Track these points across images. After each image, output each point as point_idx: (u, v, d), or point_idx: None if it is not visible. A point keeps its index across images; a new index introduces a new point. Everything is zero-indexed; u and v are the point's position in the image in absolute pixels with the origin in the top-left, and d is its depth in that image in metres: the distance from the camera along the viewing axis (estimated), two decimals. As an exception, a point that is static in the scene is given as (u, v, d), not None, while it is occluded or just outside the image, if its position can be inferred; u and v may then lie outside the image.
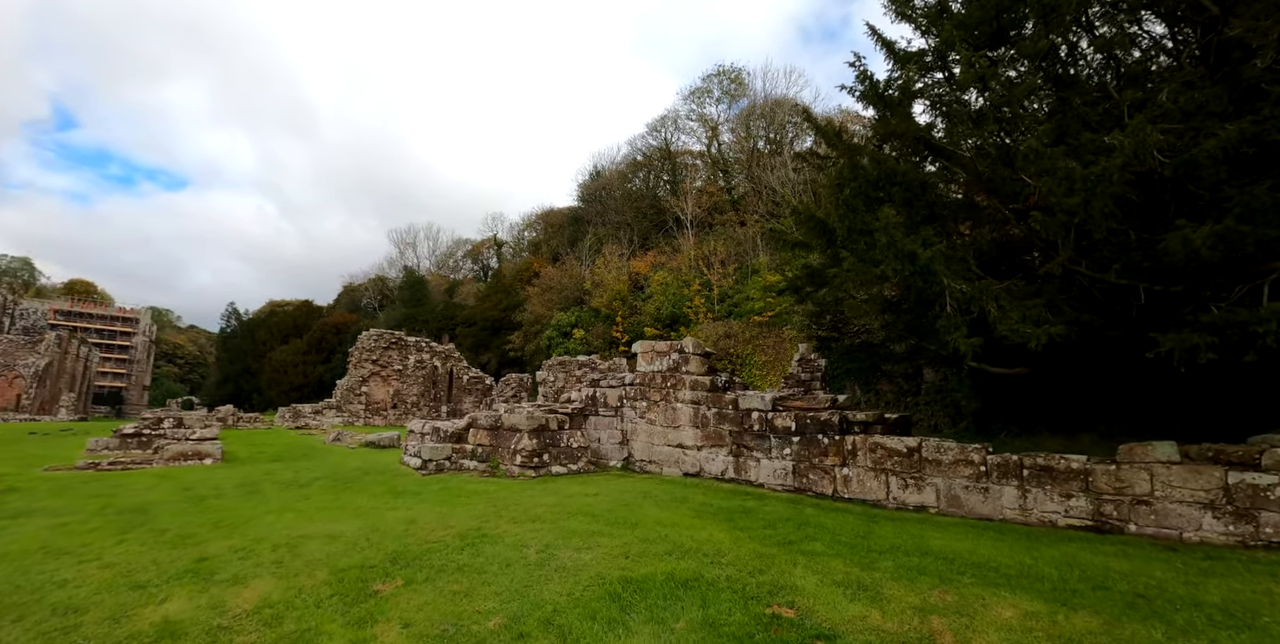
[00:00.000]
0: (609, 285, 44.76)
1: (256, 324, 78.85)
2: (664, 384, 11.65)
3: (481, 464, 11.61)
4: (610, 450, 12.52)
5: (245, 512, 8.46)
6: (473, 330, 57.33)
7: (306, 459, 14.53)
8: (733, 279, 39.53)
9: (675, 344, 11.72)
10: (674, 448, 11.36)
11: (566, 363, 32.98)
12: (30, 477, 12.27)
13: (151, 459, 14.39)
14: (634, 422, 12.13)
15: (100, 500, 9.54)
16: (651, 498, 8.73)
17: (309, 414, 34.50)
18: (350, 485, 10.35)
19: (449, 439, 12.07)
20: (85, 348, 71.69)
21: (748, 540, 6.33)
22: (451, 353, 39.96)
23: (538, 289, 52.49)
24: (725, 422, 10.66)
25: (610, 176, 70.13)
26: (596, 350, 41.36)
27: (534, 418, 11.22)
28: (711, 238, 45.19)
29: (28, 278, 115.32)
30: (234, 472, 12.25)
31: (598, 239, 57.41)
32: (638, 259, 49.45)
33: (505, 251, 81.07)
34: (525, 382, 38.38)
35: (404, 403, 37.65)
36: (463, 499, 8.83)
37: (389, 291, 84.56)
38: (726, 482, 10.50)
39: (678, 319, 37.97)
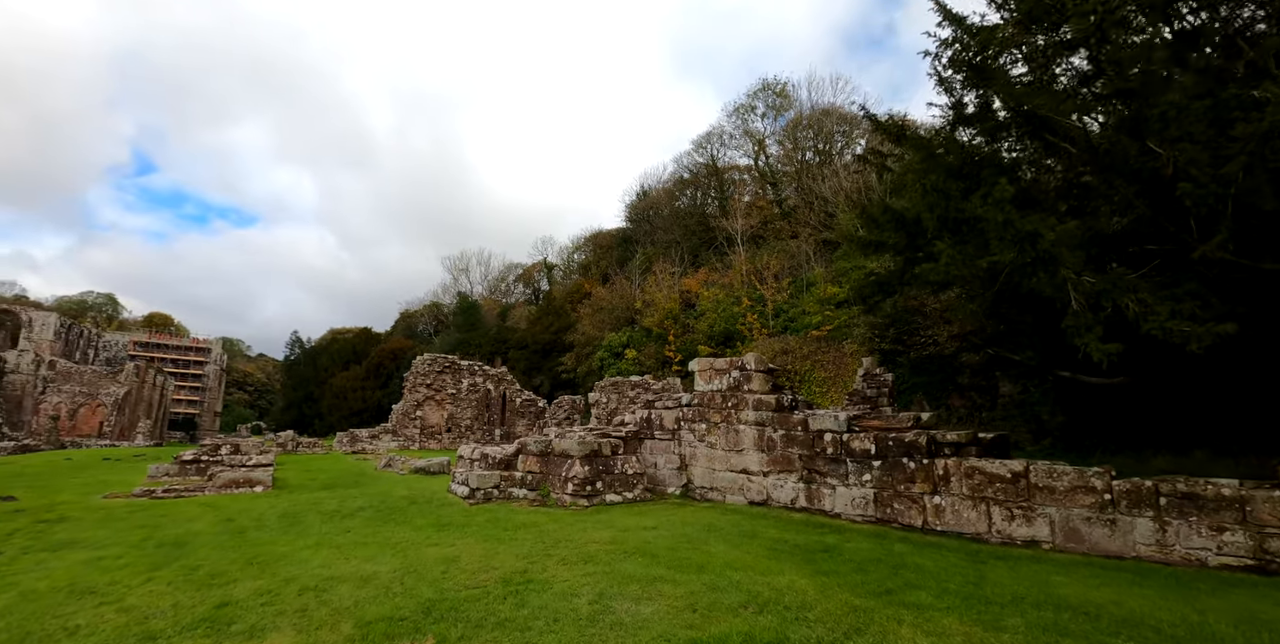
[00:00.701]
0: (660, 304, 44.08)
1: (318, 351, 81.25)
2: (724, 404, 10.74)
3: (531, 492, 10.89)
4: (668, 476, 11.64)
5: (281, 547, 7.92)
6: (525, 353, 57.40)
7: (356, 486, 14.12)
8: (787, 293, 38.31)
9: (735, 361, 10.82)
10: (737, 474, 10.40)
11: (619, 384, 32.29)
12: (87, 504, 12.19)
13: (205, 486, 14.23)
14: (693, 445, 11.24)
15: (143, 532, 9.21)
16: (717, 532, 7.79)
17: (365, 438, 34.68)
18: (394, 516, 9.76)
19: (497, 466, 11.41)
20: (161, 377, 75.00)
21: (836, 589, 5.36)
22: (504, 376, 39.80)
23: (589, 310, 52.23)
24: (794, 445, 9.66)
25: (657, 196, 69.95)
26: (649, 370, 40.57)
27: (585, 443, 10.46)
28: (763, 252, 44.12)
29: (111, 312, 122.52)
30: (281, 500, 11.88)
31: (647, 258, 57.00)
32: (688, 277, 48.69)
33: (555, 274, 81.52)
34: (578, 403, 37.83)
35: (458, 426, 37.54)
36: (509, 533, 8.09)
37: (443, 317, 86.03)
38: (798, 511, 9.46)
39: (731, 336, 36.90)
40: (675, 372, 39.28)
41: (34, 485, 15.78)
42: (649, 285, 47.53)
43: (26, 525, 9.95)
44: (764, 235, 50.35)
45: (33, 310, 74.49)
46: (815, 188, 47.94)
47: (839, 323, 32.63)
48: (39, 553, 8.06)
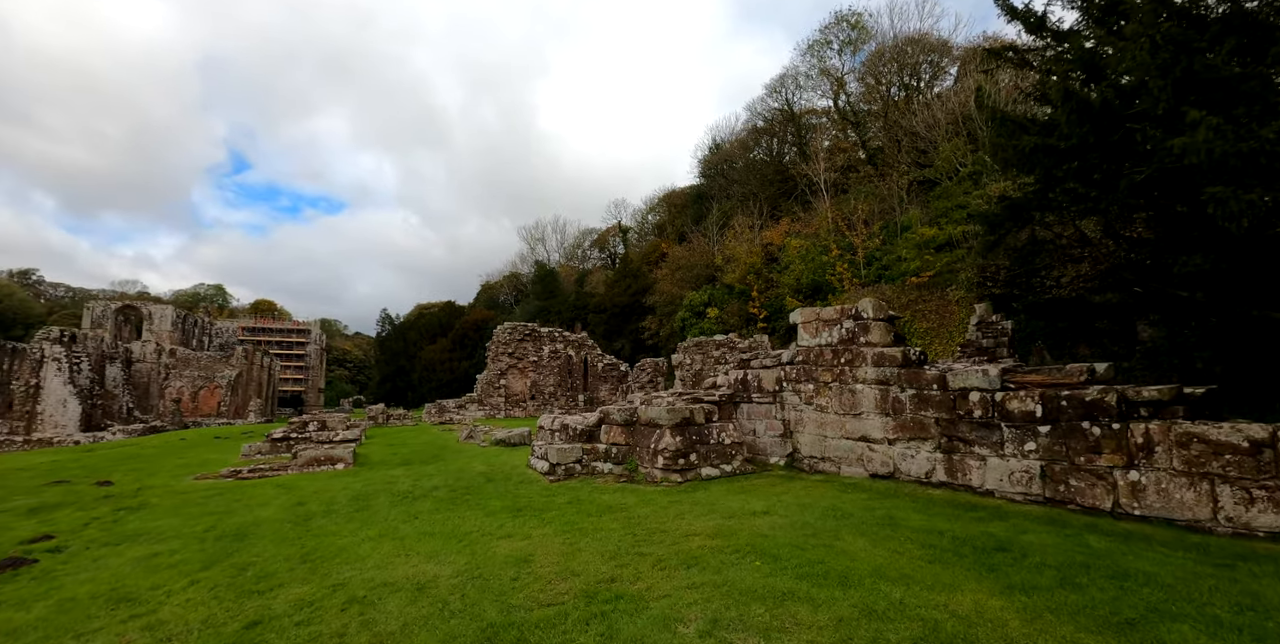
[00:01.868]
0: (741, 259, 41.94)
1: (407, 327, 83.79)
2: (836, 361, 9.07)
3: (617, 466, 9.70)
4: (769, 445, 10.16)
5: (342, 539, 7.03)
6: (603, 317, 56.75)
7: (435, 461, 13.44)
8: (879, 239, 35.36)
9: (848, 309, 9.08)
10: (855, 441, 8.79)
11: (703, 344, 30.80)
12: (174, 488, 12.02)
13: (288, 465, 13.94)
14: (798, 409, 9.67)
15: (211, 519, 8.66)
16: (847, 520, 6.27)
17: (452, 409, 34.95)
18: (468, 497, 8.79)
19: (579, 438, 10.27)
20: (268, 358, 79.51)
21: (1047, 615, 3.77)
22: (584, 341, 39.12)
23: (666, 270, 50.67)
24: (928, 406, 7.93)
25: (730, 148, 66.85)
26: (733, 328, 38.82)
27: (676, 410, 9.10)
28: (849, 198, 40.97)
29: (221, 302, 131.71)
30: (356, 479, 11.25)
31: (723, 213, 54.60)
32: (769, 229, 46.11)
33: (630, 237, 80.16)
34: (661, 366, 36.71)
35: (541, 394, 37.31)
36: (593, 520, 6.87)
37: (522, 286, 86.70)
38: (935, 487, 7.79)
39: (820, 288, 34.52)
40: (761, 329, 37.37)
41: (139, 467, 16.06)
42: (728, 241, 45.36)
43: (106, 513, 9.66)
44: (848, 181, 46.89)
45: (152, 304, 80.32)
46: (904, 124, 43.87)
47: (940, 268, 29.70)
48: (101, 548, 7.55)
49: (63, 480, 13.67)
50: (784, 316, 36.42)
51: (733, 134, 68.82)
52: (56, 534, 8.52)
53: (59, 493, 12.00)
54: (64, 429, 43.69)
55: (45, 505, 10.68)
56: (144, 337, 74.69)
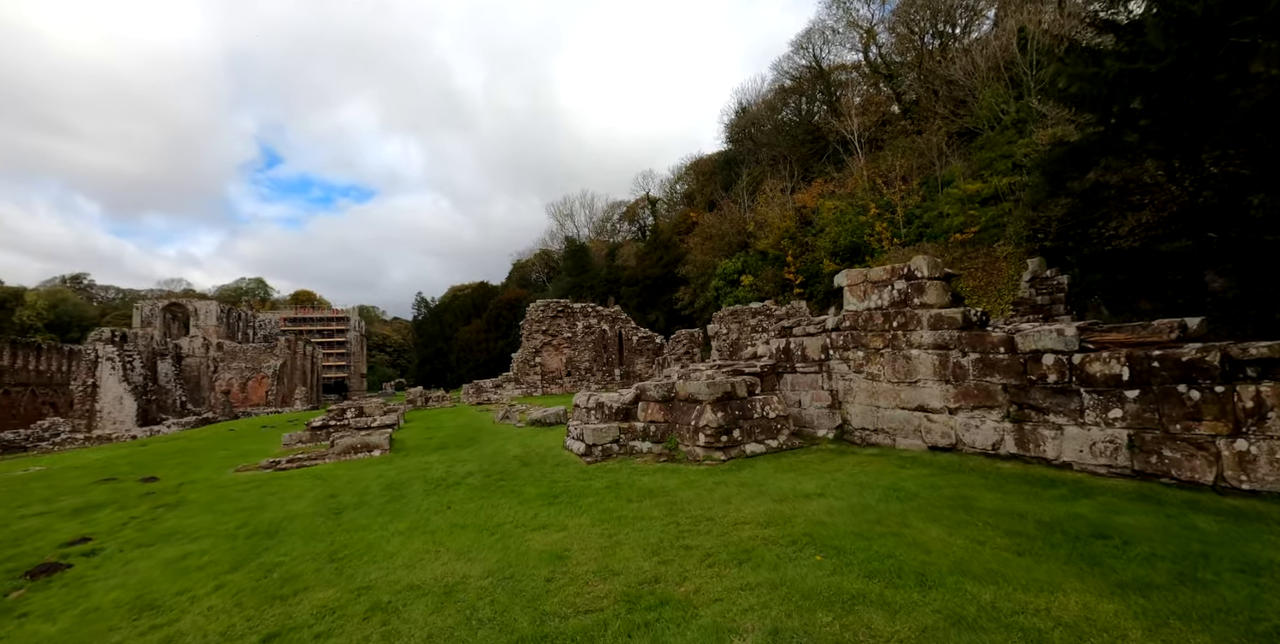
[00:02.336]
0: (773, 224, 40.76)
1: (442, 309, 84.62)
2: (887, 325, 8.37)
3: (656, 445, 9.22)
4: (816, 417, 9.56)
5: (372, 533, 6.72)
6: (636, 290, 56.21)
7: (470, 445, 13.19)
8: (918, 196, 33.84)
9: (899, 268, 8.32)
10: (911, 411, 8.12)
11: (738, 312, 30.05)
12: (215, 482, 12.00)
13: (326, 453, 13.86)
14: (847, 378, 9.02)
15: (244, 515, 8.49)
16: (911, 501, 5.67)
17: (490, 389, 35.01)
18: (503, 483, 8.42)
19: (615, 417, 9.81)
20: (310, 347, 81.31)
21: (1174, 621, 3.15)
22: (618, 315, 38.68)
23: (697, 239, 49.70)
24: (994, 371, 7.21)
25: (758, 110, 64.80)
26: (769, 296, 37.92)
27: (716, 384, 8.54)
28: (885, 154, 39.25)
29: (263, 295, 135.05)
30: (391, 467, 11.02)
31: (753, 178, 53.17)
32: (801, 192, 44.67)
33: (659, 208, 78.94)
34: (696, 337, 36.12)
35: (577, 369, 37.14)
36: (633, 506, 6.41)
37: (554, 263, 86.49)
38: (1004, 459, 7.11)
39: (858, 249, 33.31)
40: (797, 295, 36.39)
41: (185, 461, 16.23)
42: (759, 206, 44.12)
43: (145, 512, 9.60)
44: (883, 137, 44.96)
45: (197, 301, 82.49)
46: (941, 72, 41.64)
47: (985, 222, 28.27)
48: (135, 549, 7.40)
49: (111, 478, 13.83)
50: (821, 281, 35.34)
51: (759, 96, 66.64)
52: (95, 535, 8.45)
53: (105, 491, 12.08)
54: (122, 425, 45.20)
55: (90, 505, 10.71)
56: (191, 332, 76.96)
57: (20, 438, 35.16)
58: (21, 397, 47.45)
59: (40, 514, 10.31)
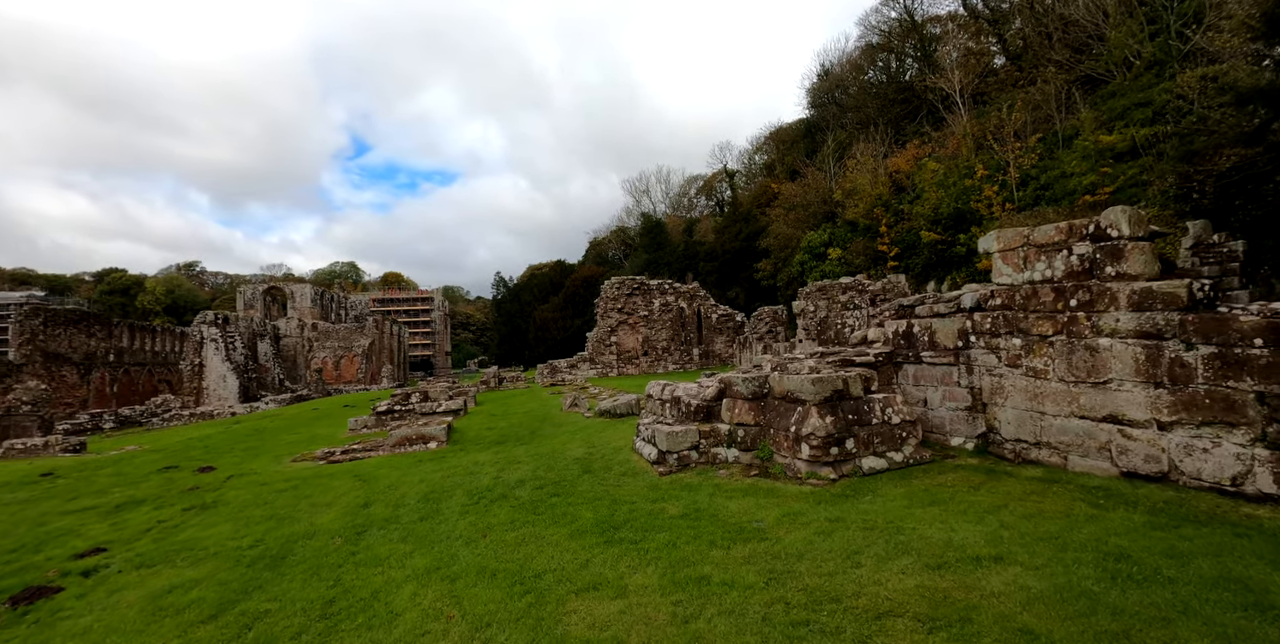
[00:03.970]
0: (864, 192, 37.50)
1: (520, 288, 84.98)
2: (1060, 304, 6.18)
3: (745, 454, 7.44)
4: (949, 421, 7.49)
5: (385, 573, 5.33)
6: (714, 265, 53.95)
7: (530, 440, 11.82)
8: (1035, 155, 29.87)
9: (1079, 226, 6.07)
10: (1096, 422, 5.96)
11: (827, 288, 27.52)
12: (264, 474, 11.21)
13: (381, 444, 12.90)
14: (995, 373, 6.90)
15: (264, 528, 7.38)
16: (1153, 583, 3.63)
17: (564, 369, 34.05)
18: (554, 502, 6.89)
19: (694, 416, 8.07)
20: (396, 327, 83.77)
21: None
22: (696, 292, 36.75)
23: (779, 210, 46.81)
24: (1241, 373, 4.97)
25: (842, 72, 60.41)
26: (859, 269, 34.95)
27: (823, 380, 6.63)
28: (993, 109, 35.03)
29: (354, 277, 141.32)
30: (439, 467, 9.76)
31: (839, 144, 49.47)
32: (894, 156, 40.97)
33: (738, 180, 75.74)
34: (780, 314, 33.77)
35: (654, 349, 35.60)
36: (717, 556, 4.69)
37: (630, 240, 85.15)
38: (1253, 500, 4.89)
39: (963, 216, 29.87)
40: (892, 268, 33.29)
41: (253, 446, 15.80)
42: (847, 173, 40.77)
43: (175, 514, 8.73)
44: (987, 91, 40.40)
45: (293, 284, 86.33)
46: (1059, 11, 36.67)
47: (1123, 181, 24.39)
48: (134, 571, 6.37)
49: (173, 466, 13.39)
50: (919, 253, 32.12)
51: (843, 56, 62.09)
52: (112, 544, 7.56)
53: (157, 484, 11.49)
54: (225, 402, 47.35)
55: (132, 501, 10.04)
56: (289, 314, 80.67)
57: (136, 414, 37.28)
58: (140, 375, 50.55)
59: (83, 510, 9.72)
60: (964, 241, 28.99)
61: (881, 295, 25.86)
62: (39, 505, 10.43)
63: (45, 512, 9.89)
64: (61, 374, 42.46)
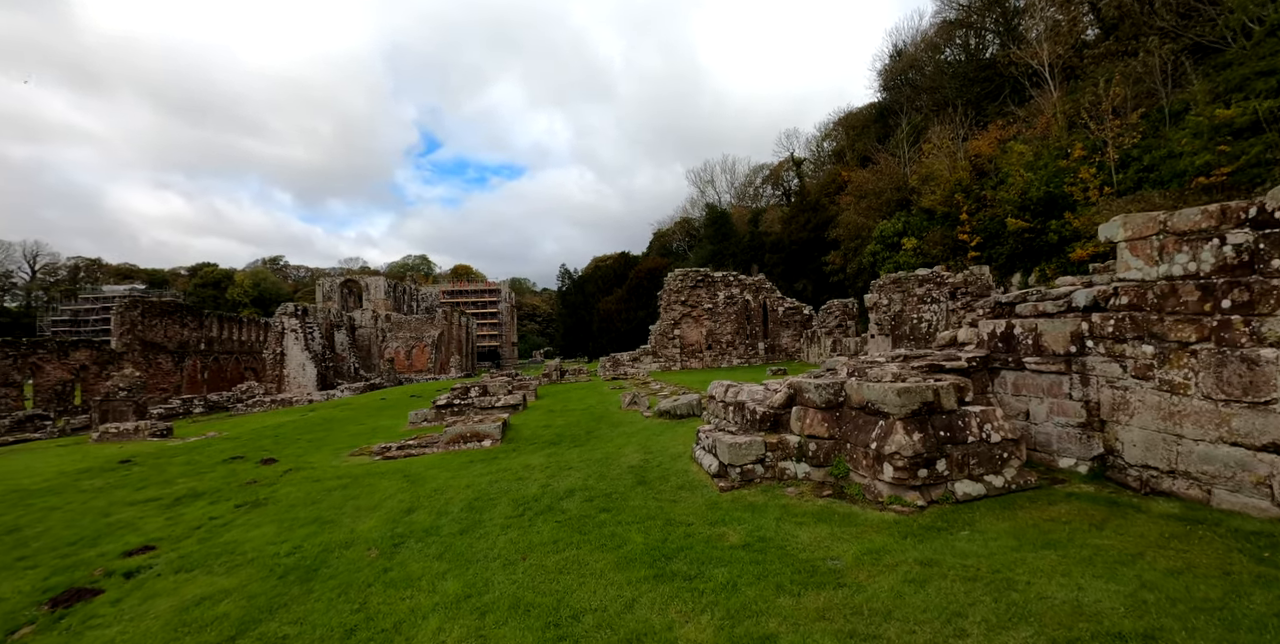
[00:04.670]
0: (942, 177, 35.37)
1: (584, 280, 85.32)
2: (1209, 305, 5.11)
3: (816, 470, 6.64)
4: (1056, 439, 6.48)
5: (414, 598, 4.88)
6: (781, 257, 52.39)
7: (586, 441, 11.30)
8: (1137, 133, 27.27)
9: (1235, 209, 4.97)
10: (1253, 451, 4.87)
11: (901, 280, 25.98)
12: (320, 470, 11.15)
13: (436, 441, 12.70)
14: (1119, 385, 5.85)
15: (306, 532, 7.15)
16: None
17: (626, 362, 33.62)
18: (602, 519, 6.29)
19: (759, 425, 7.32)
20: (464, 318, 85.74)
21: None
22: (762, 284, 35.60)
23: (849, 198, 44.90)
24: None
25: (916, 51, 57.45)
26: (937, 260, 33.01)
27: (910, 390, 5.75)
28: (1086, 84, 32.26)
29: (426, 270, 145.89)
30: (489, 470, 9.35)
31: (913, 128, 46.99)
32: (974, 139, 38.48)
33: (805, 168, 73.45)
34: (850, 307, 32.29)
35: (718, 343, 34.71)
36: (785, 606, 3.95)
37: (694, 231, 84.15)
38: None
39: (1054, 202, 27.61)
40: (973, 259, 31.23)
41: (318, 437, 16.00)
42: (924, 157, 38.56)
43: (226, 511, 8.68)
44: (1080, 65, 37.29)
45: (368, 277, 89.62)
46: (1166, -26, 33.25)
47: (1245, 160, 21.85)
48: (172, 576, 6.23)
49: (238, 457, 13.64)
50: (1004, 242, 29.96)
51: (918, 34, 59.03)
52: (162, 542, 7.50)
53: (219, 476, 11.63)
54: (304, 389, 49.32)
55: (192, 494, 10.13)
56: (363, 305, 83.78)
57: (223, 399, 39.27)
58: (228, 363, 53.35)
59: (146, 502, 9.86)
60: (1055, 229, 26.78)
61: (962, 288, 24.16)
62: (110, 494, 10.67)
63: (113, 501, 10.08)
64: (157, 362, 45.06)
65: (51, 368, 36.53)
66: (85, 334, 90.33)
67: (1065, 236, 26.45)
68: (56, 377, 36.85)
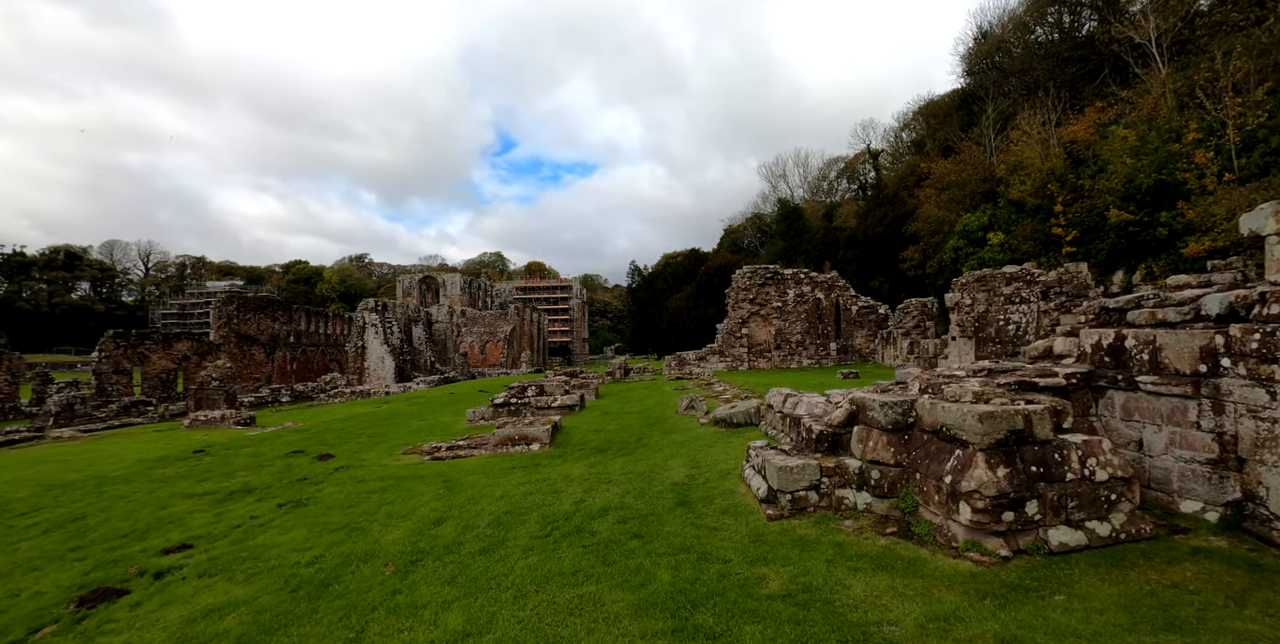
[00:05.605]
0: (1032, 166, 32.75)
1: (654, 277, 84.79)
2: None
3: (879, 501, 5.79)
4: (1178, 477, 5.38)
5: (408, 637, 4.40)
6: (855, 253, 50.23)
7: (636, 449, 10.68)
8: (1263, 112, 24.21)
9: None
10: None
11: (986, 278, 24.07)
12: (368, 468, 11.10)
13: (485, 442, 12.45)
14: (1266, 416, 4.74)
15: (332, 539, 6.98)
16: None
17: (692, 361, 32.89)
18: (632, 548, 5.65)
19: (815, 446, 6.51)
20: (536, 314, 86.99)
21: None
22: (835, 282, 34.08)
23: (929, 190, 42.43)
24: None
25: (1003, 32, 53.65)
26: (1027, 256, 30.57)
27: (996, 416, 4.83)
28: (1201, 59, 28.97)
29: (500, 266, 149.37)
30: (529, 478, 8.90)
31: (1000, 114, 43.90)
32: (1069, 125, 35.45)
33: (882, 160, 70.25)
34: (929, 307, 30.41)
35: (787, 342, 33.46)
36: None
37: (766, 227, 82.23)
38: None
39: (1165, 190, 24.92)
40: (1068, 255, 28.72)
41: (379, 433, 16.11)
42: (1012, 146, 35.85)
43: (267, 511, 8.62)
44: (1192, 39, 33.62)
45: (444, 273, 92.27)
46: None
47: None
48: (197, 579, 6.18)
49: (299, 451, 13.82)
50: (1104, 236, 27.37)
51: (1005, 13, 55.05)
52: (198, 541, 7.45)
53: (278, 469, 11.76)
54: (382, 381, 51.01)
55: (245, 489, 10.23)
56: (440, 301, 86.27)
57: (308, 389, 41.07)
58: (315, 354, 55.92)
59: (202, 495, 10.05)
60: (1165, 222, 24.16)
61: (1056, 287, 22.15)
62: (174, 485, 10.91)
63: (174, 493, 10.28)
64: (251, 353, 47.58)
65: (157, 357, 39.01)
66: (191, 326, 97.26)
67: (1176, 230, 23.82)
68: (161, 366, 39.32)
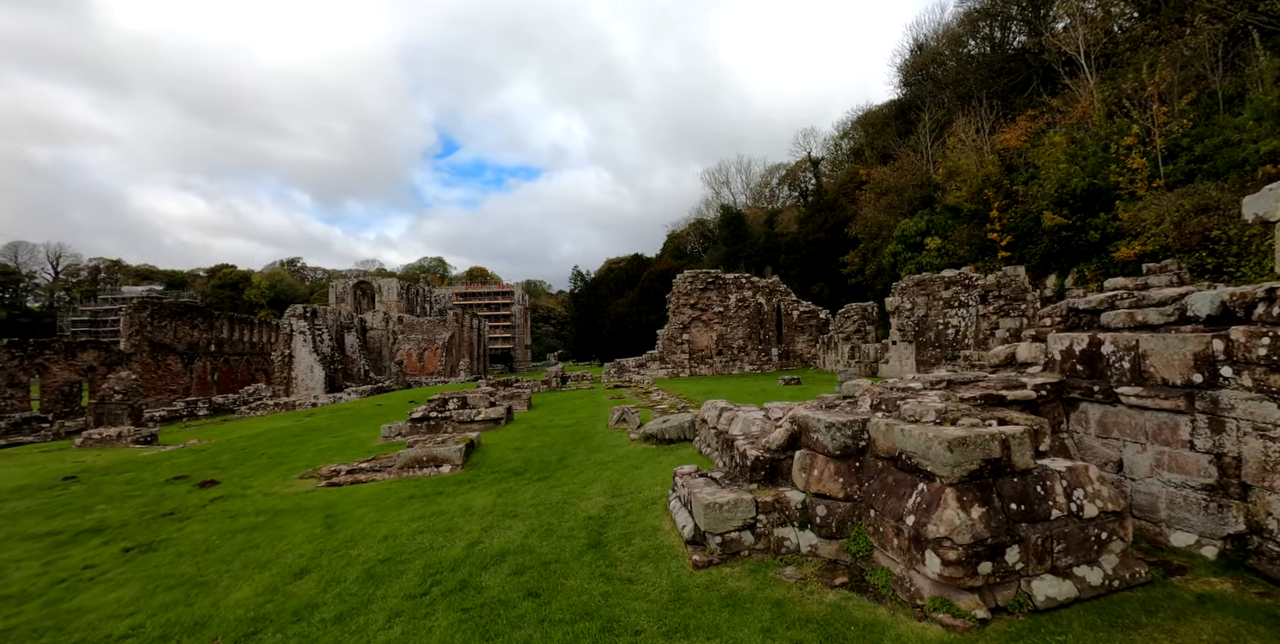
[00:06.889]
0: (968, 173, 33.13)
1: (597, 282, 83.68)
2: None
3: (825, 543, 4.82)
4: (1167, 504, 4.60)
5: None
6: (797, 258, 50.30)
7: (554, 472, 9.50)
8: (1186, 121, 24.92)
9: None
10: None
11: (926, 282, 23.91)
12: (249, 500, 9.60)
13: (390, 465, 11.04)
14: (1276, 434, 4.00)
15: (168, 597, 5.70)
16: None
17: (632, 368, 31.86)
18: (524, 611, 4.52)
19: (750, 474, 5.51)
20: (476, 320, 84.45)
21: None
22: (776, 286, 33.66)
23: (869, 195, 42.67)
24: None
25: (938, 45, 55.08)
26: (963, 261, 30.83)
27: (968, 443, 3.90)
28: (1126, 71, 29.85)
29: (441, 272, 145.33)
30: (423, 513, 7.60)
31: (936, 123, 44.72)
32: (1002, 132, 36.20)
33: (823, 167, 71.18)
34: (870, 311, 30.23)
35: (729, 348, 32.83)
36: None
37: (709, 233, 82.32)
38: None
39: (1096, 195, 25.33)
40: (1003, 259, 29.02)
41: (282, 452, 14.50)
42: (952, 149, 36.30)
43: (106, 559, 7.19)
44: (1116, 52, 34.82)
45: (380, 278, 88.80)
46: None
47: (1316, 145, 19.53)
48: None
49: (183, 476, 12.15)
50: (1035, 241, 27.74)
51: (939, 27, 56.66)
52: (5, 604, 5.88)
53: (146, 501, 10.12)
54: (312, 391, 48.18)
55: (96, 528, 8.69)
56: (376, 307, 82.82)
57: (229, 402, 38.06)
58: (239, 364, 52.44)
59: (44, 536, 8.68)
60: (1097, 226, 24.53)
61: (995, 291, 22.08)
62: (17, 523, 9.23)
63: (12, 534, 8.64)
64: (166, 363, 44.06)
65: (58, 369, 35.54)
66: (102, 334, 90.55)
67: (1109, 234, 24.20)
68: (64, 377, 35.84)
